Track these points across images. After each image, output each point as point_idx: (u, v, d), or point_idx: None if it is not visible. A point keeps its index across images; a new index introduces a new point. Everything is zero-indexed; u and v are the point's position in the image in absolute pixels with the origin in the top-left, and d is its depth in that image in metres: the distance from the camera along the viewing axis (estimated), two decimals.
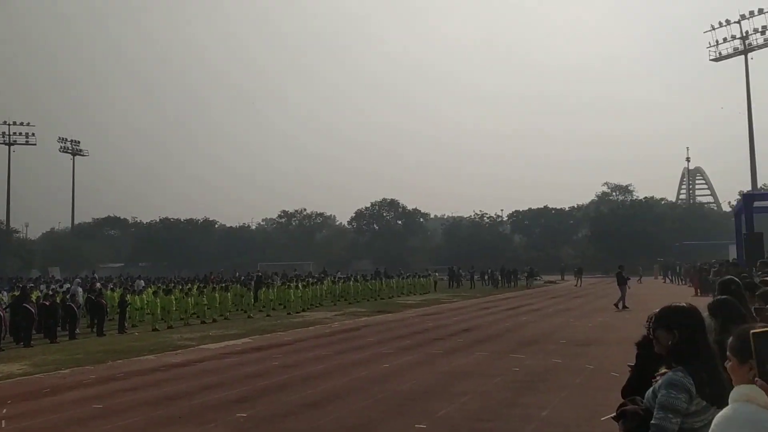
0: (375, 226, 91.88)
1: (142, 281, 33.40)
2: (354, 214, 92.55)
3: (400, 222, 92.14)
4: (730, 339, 2.82)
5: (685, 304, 3.67)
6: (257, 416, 9.89)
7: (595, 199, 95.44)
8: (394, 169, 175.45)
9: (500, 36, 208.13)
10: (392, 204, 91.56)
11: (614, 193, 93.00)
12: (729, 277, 7.02)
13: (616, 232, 75.90)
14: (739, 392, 2.64)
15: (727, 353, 2.78)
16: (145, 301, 25.70)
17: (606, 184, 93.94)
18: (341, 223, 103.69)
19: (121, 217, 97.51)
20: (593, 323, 22.92)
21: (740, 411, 2.60)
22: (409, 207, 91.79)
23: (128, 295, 24.61)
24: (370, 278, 40.89)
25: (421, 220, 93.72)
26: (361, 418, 9.72)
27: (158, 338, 20.76)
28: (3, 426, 9.61)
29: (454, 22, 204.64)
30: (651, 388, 3.57)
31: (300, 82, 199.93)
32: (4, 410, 10.66)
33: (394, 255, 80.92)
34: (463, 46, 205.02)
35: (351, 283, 37.61)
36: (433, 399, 10.85)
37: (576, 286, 50.38)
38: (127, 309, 23.70)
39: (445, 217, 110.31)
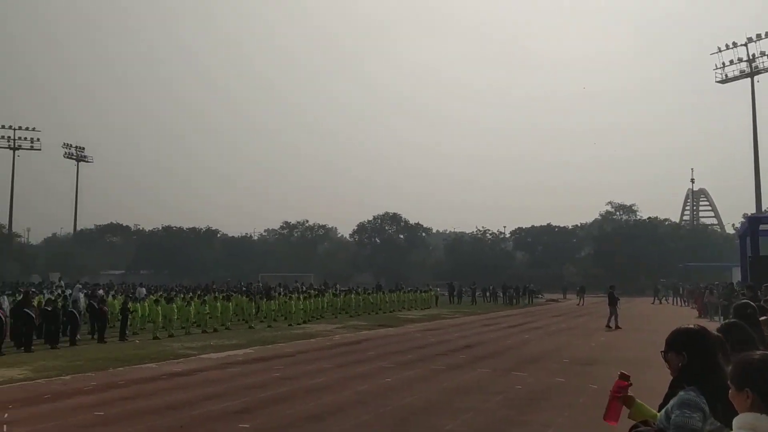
0: (377, 239, 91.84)
1: (143, 289, 33.38)
2: (356, 227, 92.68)
3: (402, 236, 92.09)
4: (730, 366, 2.85)
5: (693, 326, 3.74)
6: (259, 428, 9.83)
7: (599, 218, 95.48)
8: (397, 182, 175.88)
9: (506, 61, 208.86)
10: (395, 218, 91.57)
11: (618, 213, 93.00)
12: (744, 300, 6.96)
13: (619, 252, 75.82)
14: (743, 420, 2.64)
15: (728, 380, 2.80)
16: (147, 309, 25.65)
17: (610, 203, 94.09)
18: (343, 235, 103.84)
19: (124, 224, 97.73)
20: (596, 342, 22.83)
21: None
22: (412, 221, 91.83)
23: (130, 303, 24.57)
24: (371, 292, 40.81)
25: (423, 234, 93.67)
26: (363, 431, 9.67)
27: (159, 347, 20.70)
28: (5, 431, 9.56)
29: (467, 35, 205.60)
30: (663, 410, 3.56)
31: (303, 91, 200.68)
32: (5, 415, 10.60)
33: (395, 269, 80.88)
34: (475, 65, 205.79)
35: (352, 296, 37.55)
36: (436, 414, 10.79)
37: (578, 304, 50.24)
38: (129, 316, 23.64)
39: (447, 232, 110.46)
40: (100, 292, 27.12)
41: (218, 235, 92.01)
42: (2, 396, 12.38)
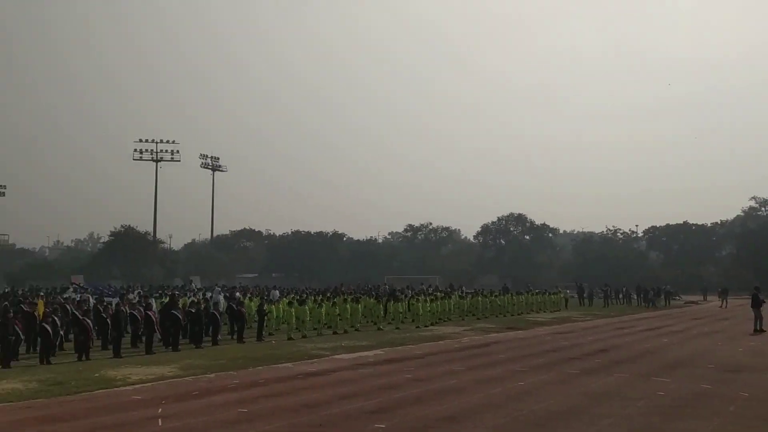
0: (501, 240, 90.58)
1: (277, 291, 34.67)
2: (480, 229, 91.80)
3: (527, 237, 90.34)
4: None
5: None
6: (395, 428, 9.95)
7: (741, 214, 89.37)
8: (522, 183, 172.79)
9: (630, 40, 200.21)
10: (519, 218, 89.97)
11: (763, 209, 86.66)
12: None
13: (764, 250, 70.58)
14: None
15: None
16: (281, 311, 26.62)
17: (753, 198, 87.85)
18: (466, 237, 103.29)
19: (256, 230, 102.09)
20: (743, 348, 21.37)
21: None
22: (537, 222, 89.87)
23: (266, 305, 25.61)
24: (498, 294, 40.28)
25: (550, 235, 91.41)
26: None
27: (294, 347, 21.43)
28: (160, 425, 10.23)
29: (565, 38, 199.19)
30: None
31: (424, 96, 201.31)
32: (159, 410, 11.35)
33: (521, 271, 79.46)
34: (594, 55, 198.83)
35: (479, 298, 37.20)
36: (574, 420, 10.49)
37: (721, 307, 47.19)
38: (265, 318, 24.64)
39: (575, 232, 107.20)
40: (238, 294, 28.48)
41: (344, 239, 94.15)
42: (156, 392, 13.26)
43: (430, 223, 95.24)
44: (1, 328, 17.86)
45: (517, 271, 79.22)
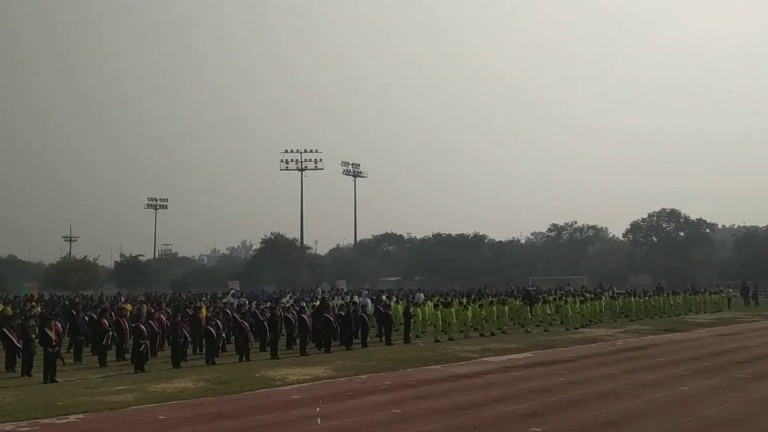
0: (653, 238, 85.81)
1: (422, 294, 34.91)
2: (629, 226, 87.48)
3: (682, 233, 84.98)
4: None
5: None
6: (552, 431, 9.71)
7: None
8: (673, 176, 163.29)
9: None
10: (672, 214, 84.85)
11: None
12: None
13: None
14: None
15: None
16: (427, 313, 26.79)
17: None
18: (614, 235, 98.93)
19: (398, 234, 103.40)
20: None
21: None
22: (693, 217, 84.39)
23: (412, 307, 25.87)
24: (652, 294, 38.26)
25: (707, 231, 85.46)
26: None
27: (441, 349, 21.48)
28: (319, 423, 10.60)
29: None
30: None
31: (570, 82, 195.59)
32: (317, 409, 11.76)
33: (675, 269, 74.93)
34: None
35: (632, 298, 35.53)
36: (746, 428, 9.75)
37: None
38: (411, 320, 24.89)
39: (736, 227, 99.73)
40: (384, 297, 28.96)
41: (486, 241, 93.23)
42: (312, 392, 13.76)
43: (575, 222, 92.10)
44: (171, 330, 19.31)
45: (671, 270, 74.80)
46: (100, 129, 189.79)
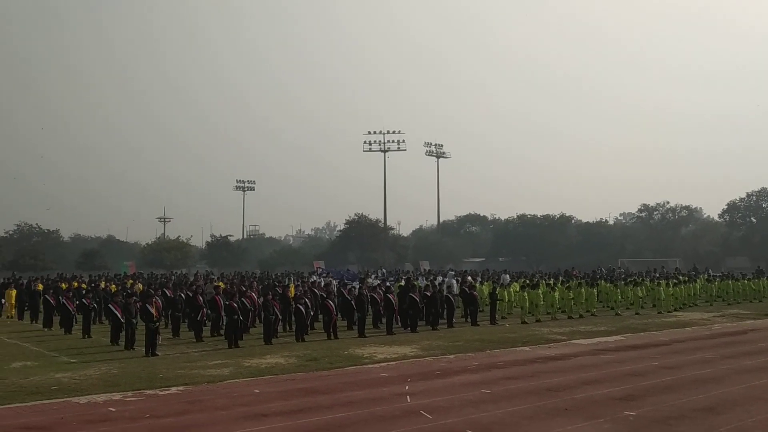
0: (752, 218, 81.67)
1: (507, 275, 34.60)
2: (726, 206, 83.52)
3: None
4: None
5: None
6: (647, 416, 9.47)
7: None
8: None
9: None
10: None
11: None
12: None
13: None
14: None
15: None
16: (513, 295, 26.53)
17: None
18: (710, 216, 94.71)
19: (481, 215, 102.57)
20: None
21: None
22: None
23: (498, 289, 25.67)
24: (751, 277, 36.53)
25: None
26: (767, 430, 8.70)
27: (528, 331, 21.27)
28: (408, 401, 10.73)
29: None
30: None
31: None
32: (406, 387, 11.90)
33: None
34: None
35: (730, 282, 34.05)
36: None
37: None
38: (497, 302, 24.70)
39: None
40: (469, 278, 28.88)
41: (572, 221, 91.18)
42: (400, 370, 13.94)
43: (667, 202, 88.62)
44: (262, 308, 19.91)
45: None
46: (197, 111, 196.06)
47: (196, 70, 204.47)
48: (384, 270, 45.12)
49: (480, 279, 31.13)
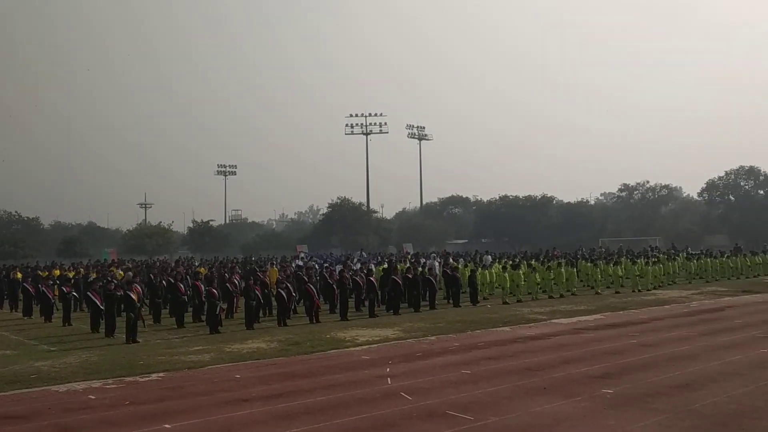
0: (731, 197, 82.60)
1: (489, 257, 34.73)
2: (705, 185, 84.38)
3: (762, 192, 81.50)
4: None
5: None
6: (624, 393, 9.60)
7: None
8: (750, 131, 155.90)
9: None
10: (751, 172, 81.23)
11: None
12: None
13: None
14: None
15: None
16: (494, 276, 26.67)
17: None
18: (689, 195, 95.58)
19: (464, 196, 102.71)
20: None
21: None
22: None
23: (479, 270, 25.78)
24: (729, 255, 36.98)
25: None
26: (741, 405, 8.85)
27: (509, 311, 21.42)
28: (389, 383, 10.79)
29: None
30: None
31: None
32: (388, 369, 11.96)
33: (754, 229, 72.08)
34: None
35: (708, 260, 34.46)
36: None
37: None
38: (477, 283, 24.79)
39: None
40: (451, 260, 28.97)
41: (554, 202, 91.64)
42: (382, 353, 14.00)
43: (647, 181, 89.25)
44: (243, 293, 19.87)
45: (749, 231, 71.99)
46: (175, 99, 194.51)
47: (182, 62, 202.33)
48: (365, 253, 45.12)
49: (462, 260, 31.23)
